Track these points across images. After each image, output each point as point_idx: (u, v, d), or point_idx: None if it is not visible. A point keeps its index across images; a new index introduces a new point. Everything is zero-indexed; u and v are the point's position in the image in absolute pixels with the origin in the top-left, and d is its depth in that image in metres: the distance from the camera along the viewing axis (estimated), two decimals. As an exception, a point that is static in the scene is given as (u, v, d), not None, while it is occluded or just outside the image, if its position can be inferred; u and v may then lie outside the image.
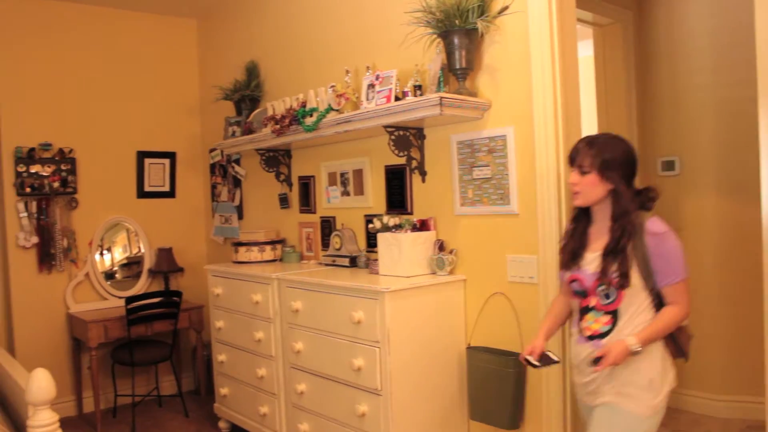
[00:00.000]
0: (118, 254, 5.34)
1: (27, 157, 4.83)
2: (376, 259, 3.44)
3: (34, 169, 4.85)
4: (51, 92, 4.99)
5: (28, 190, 4.82)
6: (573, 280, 2.32)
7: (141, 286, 5.34)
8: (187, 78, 5.66)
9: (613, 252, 2.17)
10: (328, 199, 4.16)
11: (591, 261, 2.26)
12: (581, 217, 2.36)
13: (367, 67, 3.53)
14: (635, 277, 2.16)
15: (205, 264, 5.11)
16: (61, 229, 4.97)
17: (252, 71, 4.76)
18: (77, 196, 5.07)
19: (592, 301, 2.26)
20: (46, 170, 4.90)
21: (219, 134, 4.97)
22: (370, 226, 3.51)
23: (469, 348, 3.21)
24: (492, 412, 3.05)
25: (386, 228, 3.37)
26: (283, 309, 3.69)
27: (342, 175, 4.03)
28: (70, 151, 5.02)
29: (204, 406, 5.06)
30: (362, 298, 3.08)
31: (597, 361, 2.17)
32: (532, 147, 2.95)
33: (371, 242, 3.78)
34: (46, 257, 4.91)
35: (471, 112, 3.09)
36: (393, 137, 3.36)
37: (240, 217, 5.12)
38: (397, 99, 3.21)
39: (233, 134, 4.55)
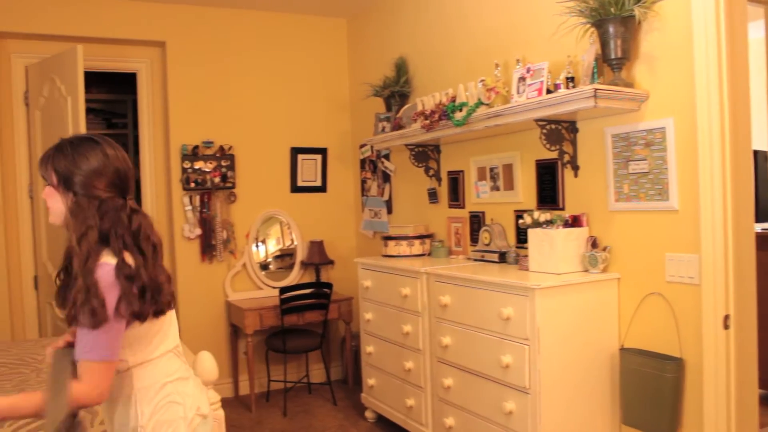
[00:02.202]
0: (272, 246, 5.59)
1: (191, 154, 5.17)
2: (526, 255, 3.38)
3: (197, 165, 5.18)
4: (213, 93, 5.30)
5: (192, 185, 5.16)
6: None
7: (293, 277, 5.56)
8: (338, 76, 5.81)
9: None
10: (478, 194, 4.14)
11: None
12: None
13: (517, 60, 3.47)
14: None
15: (355, 257, 5.23)
16: (221, 222, 5.27)
17: (401, 67, 4.82)
18: (236, 190, 5.36)
19: None
20: (208, 166, 5.22)
21: (369, 130, 5.07)
22: (521, 221, 3.45)
23: (623, 350, 3.09)
24: (647, 417, 2.92)
25: (537, 224, 3.30)
26: (432, 303, 3.71)
27: (491, 169, 3.99)
28: (230, 148, 5.31)
29: (351, 396, 5.19)
30: (512, 295, 3.04)
31: None
32: (694, 139, 2.78)
33: (521, 238, 3.72)
34: (207, 248, 5.24)
35: (627, 103, 2.96)
36: (544, 131, 3.29)
37: (389, 211, 5.20)
38: (548, 92, 3.14)
39: (383, 130, 4.62)
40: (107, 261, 1.75)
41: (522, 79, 3.30)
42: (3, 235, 4.78)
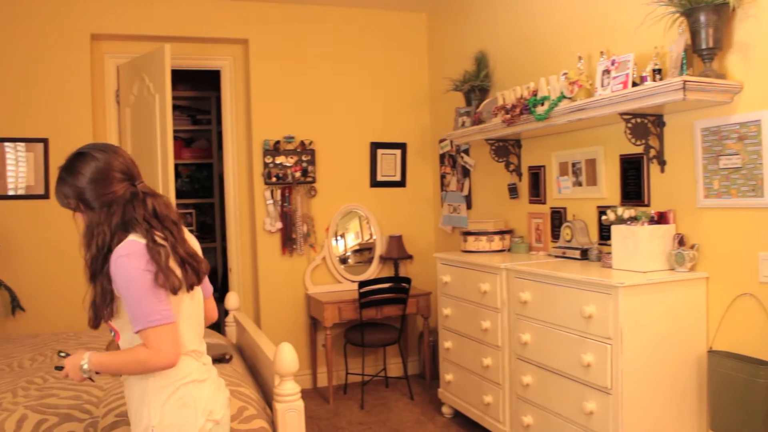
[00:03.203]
0: (351, 240, 5.64)
1: (273, 149, 5.27)
2: (609, 253, 3.29)
3: (279, 160, 5.28)
4: (294, 89, 5.40)
5: (273, 179, 5.27)
6: None
7: (372, 271, 5.60)
8: (417, 71, 5.81)
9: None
10: (559, 190, 4.06)
11: None
12: None
13: (601, 52, 3.38)
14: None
15: (433, 252, 5.22)
16: (301, 216, 5.35)
17: (481, 61, 4.77)
18: (316, 185, 5.43)
19: None
20: (289, 161, 5.31)
21: (448, 125, 5.05)
22: (604, 218, 3.37)
23: (711, 352, 2.97)
24: (737, 424, 2.79)
25: (621, 220, 3.22)
26: (511, 299, 3.67)
27: (574, 164, 3.91)
28: (310, 143, 5.39)
29: (428, 390, 5.19)
30: (594, 292, 2.97)
31: (60, 368, 2.01)
32: (792, 133, 2.64)
33: (604, 235, 3.64)
34: (288, 241, 5.33)
35: (718, 95, 2.84)
36: (629, 125, 3.20)
37: (468, 206, 5.17)
38: (634, 84, 3.05)
39: (463, 125, 4.59)
40: (136, 239, 1.84)
41: (606, 71, 3.22)
42: (96, 226, 4.96)
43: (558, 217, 4.08)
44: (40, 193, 4.78)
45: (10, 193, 4.74)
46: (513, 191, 4.52)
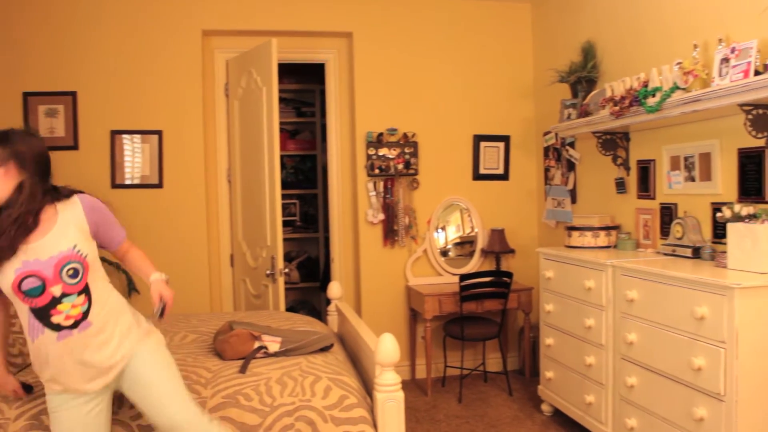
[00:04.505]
0: (452, 233, 5.61)
1: (376, 141, 5.31)
2: (724, 252, 3.13)
3: (381, 152, 5.32)
4: (397, 81, 5.41)
5: (376, 171, 5.31)
6: (24, 278, 2.13)
7: (473, 264, 5.56)
8: (521, 62, 5.70)
9: None
10: (670, 185, 3.89)
11: (51, 246, 2.16)
12: None
13: (720, 40, 3.20)
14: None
15: (536, 247, 5.13)
16: (403, 208, 5.37)
17: (588, 52, 4.63)
18: (418, 177, 5.44)
19: (57, 290, 2.15)
20: (391, 153, 5.34)
21: (553, 117, 4.94)
22: (719, 215, 3.20)
23: (837, 359, 2.78)
24: None
25: (738, 217, 3.05)
26: (617, 297, 3.56)
27: (686, 158, 3.74)
28: (413, 135, 5.39)
29: (527, 387, 5.11)
30: (707, 293, 2.83)
31: (163, 311, 2.41)
32: None
33: (718, 233, 3.46)
34: (390, 233, 5.36)
35: None
36: (750, 117, 3.02)
37: (573, 201, 5.04)
38: (757, 73, 2.88)
39: (568, 117, 4.48)
40: None
41: (725, 60, 3.05)
42: (205, 216, 5.17)
43: (668, 214, 3.91)
44: (155, 182, 5.01)
45: (127, 182, 5.00)
46: (620, 186, 4.38)
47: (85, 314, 2.21)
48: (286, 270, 5.08)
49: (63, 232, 2.19)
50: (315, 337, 3.13)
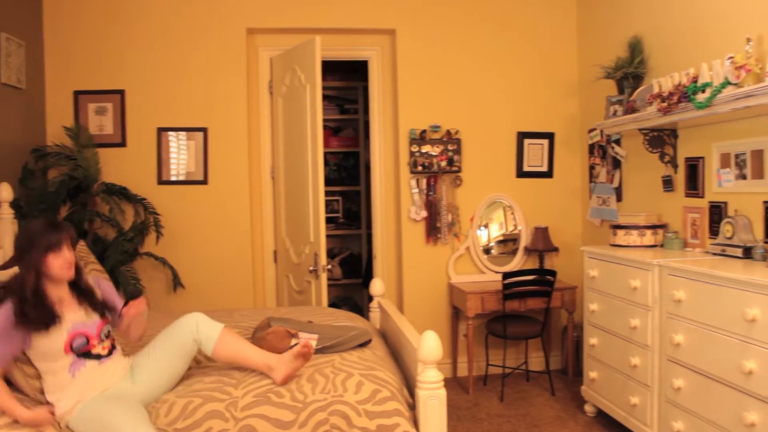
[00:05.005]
0: (495, 231, 5.58)
1: (419, 138, 5.31)
2: (776, 252, 3.05)
3: (424, 149, 5.31)
4: (440, 78, 5.40)
5: (419, 168, 5.31)
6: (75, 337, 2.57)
7: (516, 262, 5.51)
8: (566, 58, 5.63)
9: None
10: (720, 183, 3.80)
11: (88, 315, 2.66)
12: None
13: (774, 34, 3.13)
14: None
15: (580, 245, 5.07)
16: (446, 205, 5.36)
17: (635, 47, 4.54)
18: (461, 174, 5.42)
19: (95, 343, 2.63)
20: (435, 150, 5.33)
21: (598, 114, 4.87)
22: (770, 214, 3.13)
23: None
24: None
25: (791, 217, 2.97)
26: (663, 297, 3.49)
27: (737, 156, 3.65)
28: (456, 132, 5.37)
29: (570, 387, 5.06)
30: (759, 294, 2.76)
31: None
32: None
33: (770, 232, 3.37)
34: (432, 230, 5.35)
35: None
36: (805, 113, 2.94)
37: (618, 199, 4.96)
38: (812, 69, 2.80)
39: (614, 114, 4.41)
40: None
41: (779, 55, 2.97)
42: (249, 212, 5.24)
43: (717, 212, 3.82)
44: (200, 179, 5.09)
45: (173, 178, 5.09)
46: (667, 184, 4.29)
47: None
48: (329, 266, 5.10)
49: None
50: (352, 334, 3.14)
